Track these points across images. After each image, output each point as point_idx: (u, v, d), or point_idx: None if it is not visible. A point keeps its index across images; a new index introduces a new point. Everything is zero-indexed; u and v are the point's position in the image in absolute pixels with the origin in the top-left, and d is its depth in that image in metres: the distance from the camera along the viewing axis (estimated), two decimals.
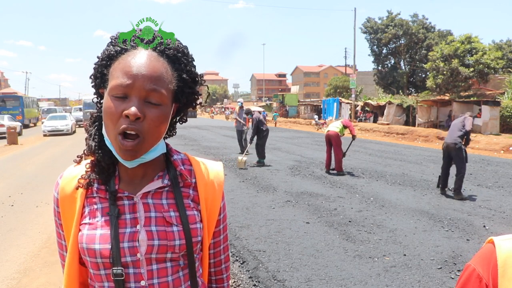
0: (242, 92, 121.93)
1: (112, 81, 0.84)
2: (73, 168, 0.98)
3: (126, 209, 0.91)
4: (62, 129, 23.34)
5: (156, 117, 0.84)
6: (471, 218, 5.83)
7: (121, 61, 0.86)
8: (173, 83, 0.88)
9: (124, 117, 0.82)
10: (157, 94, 0.84)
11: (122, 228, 0.89)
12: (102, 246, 0.87)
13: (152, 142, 0.87)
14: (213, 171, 1.02)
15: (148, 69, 0.84)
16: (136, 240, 0.88)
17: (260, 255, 4.44)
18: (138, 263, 0.88)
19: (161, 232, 0.89)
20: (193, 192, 0.97)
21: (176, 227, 0.90)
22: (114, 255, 0.86)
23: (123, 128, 0.82)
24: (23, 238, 5.26)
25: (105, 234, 0.88)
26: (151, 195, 0.92)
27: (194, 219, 0.93)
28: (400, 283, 3.72)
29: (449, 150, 7.22)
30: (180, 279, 0.93)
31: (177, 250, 0.90)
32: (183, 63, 0.91)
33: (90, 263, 0.89)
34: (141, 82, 0.83)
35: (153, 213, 0.91)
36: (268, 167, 10.58)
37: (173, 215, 0.91)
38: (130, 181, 0.94)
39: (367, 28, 42.35)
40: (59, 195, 0.95)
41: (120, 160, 0.88)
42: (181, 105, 0.95)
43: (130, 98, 0.83)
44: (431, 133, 21.64)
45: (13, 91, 69.13)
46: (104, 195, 0.92)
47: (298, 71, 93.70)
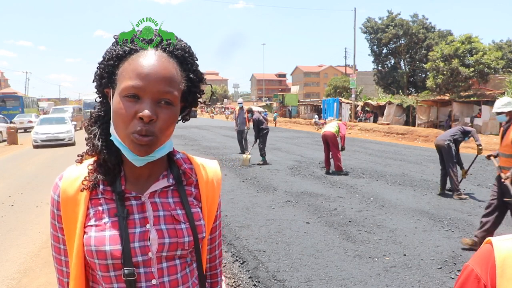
0: (242, 92, 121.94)
1: (124, 82, 0.84)
2: (73, 169, 0.96)
3: (134, 209, 0.91)
4: (61, 137, 17.38)
5: (168, 118, 0.85)
6: (471, 218, 5.83)
7: (131, 62, 0.86)
8: (182, 84, 0.89)
9: (138, 119, 0.82)
10: (170, 95, 0.85)
11: (132, 228, 0.89)
12: (113, 247, 0.86)
13: (163, 141, 0.88)
14: (212, 169, 1.04)
15: (161, 71, 0.84)
16: (147, 240, 0.89)
17: (260, 255, 4.44)
18: (149, 262, 0.89)
19: (171, 230, 0.91)
20: (195, 190, 0.99)
21: (184, 225, 0.92)
22: (125, 255, 0.86)
23: (137, 131, 0.82)
24: (23, 238, 5.26)
25: (115, 235, 0.87)
26: (158, 194, 0.94)
27: (199, 216, 0.96)
28: (400, 283, 3.72)
29: (439, 149, 7.32)
30: (187, 275, 0.95)
31: (186, 246, 0.92)
32: (189, 63, 0.92)
33: (98, 265, 0.88)
34: (155, 84, 0.83)
35: (161, 212, 0.92)
36: (268, 167, 10.58)
37: (180, 213, 0.93)
38: (136, 181, 0.94)
39: (367, 28, 42.34)
40: (61, 197, 0.92)
41: (129, 158, 0.88)
42: (186, 104, 0.96)
43: (142, 100, 0.83)
44: (431, 133, 21.64)
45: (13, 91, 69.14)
46: (110, 196, 0.91)
47: (298, 71, 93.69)
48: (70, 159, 12.38)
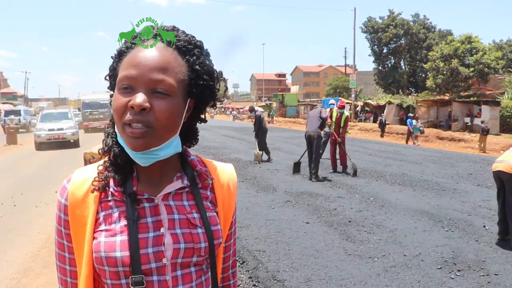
0: (242, 92, 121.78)
1: (120, 74, 0.82)
2: (83, 171, 0.91)
3: (147, 212, 0.85)
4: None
5: (164, 108, 0.79)
6: (471, 218, 5.82)
7: (129, 55, 0.84)
8: (183, 73, 0.84)
9: (130, 109, 0.78)
10: (164, 84, 0.80)
11: (144, 232, 0.83)
12: (124, 254, 0.81)
13: (164, 136, 0.82)
14: (227, 173, 0.99)
15: (154, 58, 0.81)
16: (161, 245, 0.83)
17: (260, 255, 4.43)
18: (163, 270, 0.83)
19: (187, 234, 0.85)
20: (211, 193, 0.94)
21: (200, 229, 0.87)
22: (133, 261, 0.81)
23: (129, 120, 0.78)
24: (23, 238, 5.25)
25: (126, 240, 0.82)
26: (172, 197, 0.88)
27: (215, 221, 0.90)
28: (400, 283, 3.72)
29: None
30: (202, 284, 0.89)
31: (202, 253, 0.86)
32: (195, 55, 0.86)
33: (109, 273, 0.82)
34: (147, 72, 0.79)
35: (176, 215, 0.86)
36: (268, 167, 10.58)
37: (196, 217, 0.87)
38: (149, 182, 0.88)
39: (368, 27, 42.37)
40: (69, 201, 0.86)
41: (132, 156, 0.83)
42: (198, 101, 0.89)
43: (136, 90, 0.79)
44: (431, 133, 21.65)
45: (13, 91, 69.22)
46: (121, 197, 0.85)
47: (298, 71, 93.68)
48: (71, 159, 12.36)
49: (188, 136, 0.96)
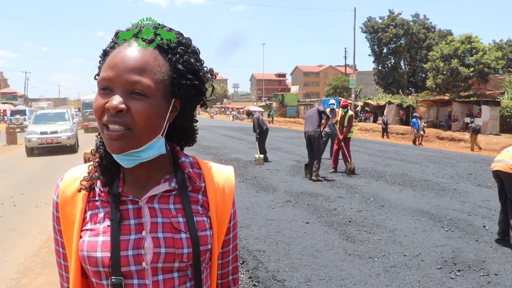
0: (241, 92, 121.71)
1: (100, 75, 0.81)
2: (76, 170, 0.92)
3: (130, 213, 0.84)
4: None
5: (142, 110, 0.77)
6: (471, 218, 5.82)
7: (110, 55, 0.83)
8: (163, 73, 0.81)
9: (107, 111, 0.77)
10: (141, 85, 0.78)
11: (126, 234, 0.83)
12: (105, 254, 0.81)
13: (144, 137, 0.80)
14: (224, 176, 0.95)
15: (131, 59, 0.79)
16: (141, 248, 0.82)
17: (260, 255, 4.43)
18: (143, 273, 0.82)
19: (169, 239, 0.83)
20: (203, 197, 0.90)
21: (184, 234, 0.84)
22: (112, 263, 0.80)
23: (106, 121, 0.78)
24: (22, 238, 5.26)
25: (107, 241, 0.82)
26: (158, 199, 0.86)
27: (204, 226, 0.87)
28: (400, 283, 3.72)
29: None
30: None
31: (185, 259, 0.84)
32: (178, 54, 0.83)
33: (91, 272, 0.83)
34: (123, 73, 0.78)
35: (159, 219, 0.84)
36: (268, 167, 10.58)
37: (181, 221, 0.85)
38: (134, 183, 0.87)
39: (368, 27, 42.36)
40: (59, 198, 0.89)
41: (114, 157, 0.83)
42: (184, 101, 0.86)
43: (114, 91, 0.78)
44: (431, 133, 21.65)
45: (13, 91, 69.26)
46: (107, 198, 0.86)
47: (298, 71, 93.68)
48: (71, 159, 12.35)
49: (182, 136, 0.94)
